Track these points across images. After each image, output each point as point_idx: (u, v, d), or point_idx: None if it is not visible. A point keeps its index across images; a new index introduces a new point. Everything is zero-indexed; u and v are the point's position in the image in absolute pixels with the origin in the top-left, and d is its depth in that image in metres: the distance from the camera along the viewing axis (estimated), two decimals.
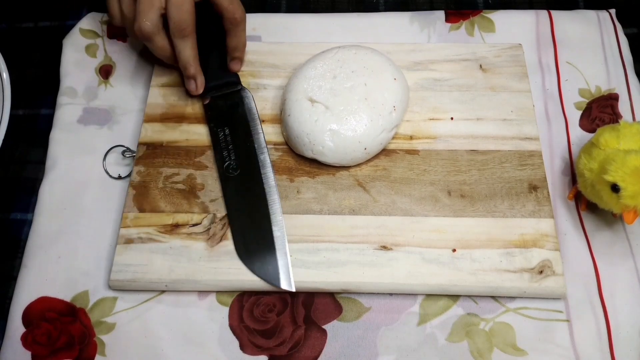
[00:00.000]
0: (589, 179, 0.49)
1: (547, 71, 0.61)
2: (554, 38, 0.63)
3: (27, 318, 0.50)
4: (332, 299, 0.50)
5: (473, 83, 0.59)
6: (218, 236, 0.51)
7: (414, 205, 0.52)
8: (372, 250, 0.50)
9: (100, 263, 0.52)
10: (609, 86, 0.60)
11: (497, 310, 0.49)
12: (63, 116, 0.59)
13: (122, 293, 0.51)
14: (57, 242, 0.53)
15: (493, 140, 0.55)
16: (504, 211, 0.52)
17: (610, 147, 0.49)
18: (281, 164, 0.55)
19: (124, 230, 0.51)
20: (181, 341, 0.49)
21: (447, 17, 0.64)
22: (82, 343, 0.49)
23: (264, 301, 0.50)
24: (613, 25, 0.63)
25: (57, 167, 0.56)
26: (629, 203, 0.46)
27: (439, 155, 0.55)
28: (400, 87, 0.55)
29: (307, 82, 0.54)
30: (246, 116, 0.56)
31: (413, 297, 0.50)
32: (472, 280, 0.49)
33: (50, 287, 0.51)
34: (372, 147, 0.53)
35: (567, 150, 0.57)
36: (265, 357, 0.48)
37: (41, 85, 0.62)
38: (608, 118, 0.58)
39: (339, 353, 0.48)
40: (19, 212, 0.56)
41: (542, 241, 0.50)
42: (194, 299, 0.50)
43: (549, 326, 0.49)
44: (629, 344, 0.48)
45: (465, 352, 0.48)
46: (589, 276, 0.51)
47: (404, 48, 0.61)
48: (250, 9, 0.66)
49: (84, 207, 0.54)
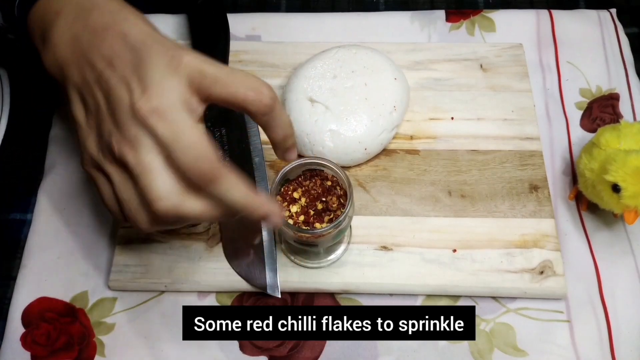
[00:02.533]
0: (589, 179, 0.49)
1: (547, 71, 0.61)
2: (554, 38, 0.63)
3: (27, 318, 0.50)
4: (332, 299, 0.50)
5: (473, 83, 0.58)
6: (217, 236, 0.51)
7: (414, 205, 0.52)
8: (372, 251, 0.50)
9: (100, 263, 0.52)
10: (610, 86, 0.60)
11: (497, 311, 0.49)
12: (62, 116, 0.59)
13: (121, 293, 0.51)
14: (57, 242, 0.53)
15: (494, 140, 0.55)
16: (505, 211, 0.52)
17: (611, 147, 0.49)
18: (281, 164, 0.55)
19: (123, 231, 0.51)
20: (181, 342, 0.48)
21: (448, 16, 0.64)
22: (82, 343, 0.49)
23: (264, 301, 0.50)
24: (614, 24, 0.63)
25: (57, 167, 0.56)
26: (629, 203, 0.46)
27: (439, 155, 0.55)
28: (401, 86, 0.55)
29: (307, 82, 0.54)
30: (243, 118, 0.56)
31: (413, 297, 0.50)
32: (473, 281, 0.49)
33: (49, 288, 0.51)
34: (373, 147, 0.53)
35: (568, 150, 0.57)
36: (265, 358, 0.48)
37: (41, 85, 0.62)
38: (609, 118, 0.58)
39: (339, 354, 0.48)
40: (18, 212, 0.55)
41: (542, 241, 0.50)
42: (193, 299, 0.50)
43: (549, 326, 0.49)
44: (629, 344, 0.48)
45: (465, 352, 0.48)
46: (589, 276, 0.51)
47: (404, 48, 0.60)
48: (250, 9, 0.66)
49: (84, 207, 0.54)
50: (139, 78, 0.35)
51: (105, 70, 0.36)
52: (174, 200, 0.34)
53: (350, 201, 0.44)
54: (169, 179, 0.34)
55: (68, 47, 0.38)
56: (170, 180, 0.34)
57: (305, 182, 0.47)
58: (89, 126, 0.37)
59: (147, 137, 0.34)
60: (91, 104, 0.37)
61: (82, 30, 0.37)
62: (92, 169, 0.38)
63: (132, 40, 0.36)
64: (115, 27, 0.37)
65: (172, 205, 0.34)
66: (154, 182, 0.34)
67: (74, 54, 0.37)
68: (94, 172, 0.38)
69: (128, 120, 0.34)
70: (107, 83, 0.36)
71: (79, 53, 0.37)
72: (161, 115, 0.34)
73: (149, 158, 0.34)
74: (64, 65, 0.38)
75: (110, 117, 0.35)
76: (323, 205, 0.46)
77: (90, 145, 0.37)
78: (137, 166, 0.34)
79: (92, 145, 0.37)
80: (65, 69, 0.38)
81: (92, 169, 0.38)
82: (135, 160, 0.34)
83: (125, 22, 0.37)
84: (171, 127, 0.34)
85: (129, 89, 0.35)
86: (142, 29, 0.37)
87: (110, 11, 0.38)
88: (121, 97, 0.35)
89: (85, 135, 0.37)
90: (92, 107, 0.37)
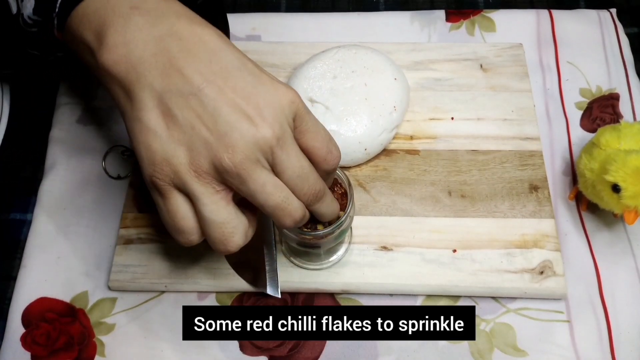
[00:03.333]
0: (589, 179, 0.49)
1: (547, 71, 0.61)
2: (554, 37, 0.63)
3: (27, 318, 0.50)
4: (332, 299, 0.50)
5: (473, 83, 0.58)
6: None
7: (414, 205, 0.52)
8: (372, 251, 0.50)
9: (100, 263, 0.52)
10: (610, 86, 0.60)
11: (497, 311, 0.49)
12: (62, 116, 0.59)
13: (121, 293, 0.51)
14: (57, 243, 0.53)
15: (494, 140, 0.55)
16: (505, 211, 0.52)
17: (611, 147, 0.49)
18: None
19: (123, 231, 0.51)
20: (181, 342, 0.48)
21: (448, 16, 0.64)
22: (82, 344, 0.49)
23: (264, 302, 0.50)
24: (614, 24, 0.63)
25: (57, 167, 0.56)
26: (629, 203, 0.46)
27: (439, 155, 0.55)
28: (401, 87, 0.55)
29: (307, 82, 0.54)
30: None
31: (413, 297, 0.50)
32: (473, 281, 0.49)
33: (49, 288, 0.51)
34: (373, 148, 0.53)
35: (568, 150, 0.57)
36: (265, 358, 0.48)
37: (40, 85, 0.62)
38: (609, 118, 0.58)
39: (339, 354, 0.48)
40: (18, 212, 0.55)
41: (542, 241, 0.50)
42: (193, 300, 0.50)
43: (549, 327, 0.49)
44: (629, 344, 0.48)
45: (465, 352, 0.48)
46: (589, 276, 0.51)
47: (404, 48, 0.60)
48: (250, 9, 0.66)
49: (84, 208, 0.54)
50: (255, 107, 0.35)
51: (205, 88, 0.35)
52: (304, 216, 0.38)
53: (351, 201, 0.44)
54: (297, 200, 0.37)
55: (148, 48, 0.36)
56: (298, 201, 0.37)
57: None
58: (173, 139, 0.35)
59: (265, 162, 0.36)
60: (181, 117, 0.35)
61: (167, 35, 0.36)
62: (166, 185, 0.36)
63: (234, 62, 0.36)
64: (210, 43, 0.36)
65: (301, 221, 0.38)
66: (293, 203, 0.37)
67: (156, 57, 0.35)
68: (166, 188, 0.36)
69: (250, 147, 0.34)
70: (213, 103, 0.35)
71: (165, 59, 0.35)
72: (283, 145, 0.35)
73: (274, 180, 0.36)
74: (138, 65, 0.35)
75: (219, 139, 0.34)
76: None
77: (176, 161, 0.35)
78: (264, 187, 0.35)
79: (178, 160, 0.35)
80: (140, 70, 0.35)
81: (166, 184, 0.36)
82: (262, 181, 0.35)
83: (219, 40, 0.37)
84: (297, 157, 0.36)
85: (246, 117, 0.35)
86: (235, 50, 0.37)
87: (199, 23, 0.37)
88: (234, 123, 0.34)
89: (166, 148, 0.35)
90: (184, 120, 0.35)
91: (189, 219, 0.37)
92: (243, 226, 0.37)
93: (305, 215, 0.38)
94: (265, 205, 0.36)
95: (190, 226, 0.37)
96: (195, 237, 0.38)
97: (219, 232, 0.37)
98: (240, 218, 0.37)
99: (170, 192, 0.36)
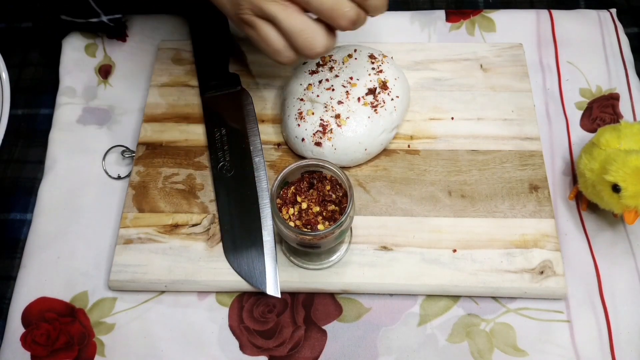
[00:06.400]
0: (589, 179, 0.49)
1: (547, 71, 0.61)
2: (554, 38, 0.63)
3: (27, 318, 0.50)
4: (332, 299, 0.50)
5: (473, 83, 0.58)
6: (218, 236, 0.51)
7: (414, 205, 0.52)
8: (372, 251, 0.50)
9: (100, 263, 0.52)
10: (610, 86, 0.60)
11: (497, 311, 0.49)
12: (62, 116, 0.59)
13: (121, 293, 0.51)
14: (57, 243, 0.53)
15: (494, 140, 0.55)
16: (505, 211, 0.52)
17: (611, 147, 0.49)
18: (281, 164, 0.55)
19: (123, 231, 0.51)
20: (181, 342, 0.48)
21: (448, 16, 0.64)
22: (82, 343, 0.49)
23: (264, 302, 0.50)
24: (614, 24, 0.63)
25: (57, 167, 0.56)
26: (629, 203, 0.46)
27: (439, 155, 0.55)
28: (401, 87, 0.55)
29: (307, 81, 0.54)
30: (244, 117, 0.56)
31: (413, 297, 0.50)
32: (473, 281, 0.49)
33: (49, 288, 0.51)
34: (373, 148, 0.53)
35: (568, 150, 0.57)
36: (265, 358, 0.48)
37: (40, 85, 0.62)
38: (609, 118, 0.58)
39: (339, 354, 0.48)
40: (18, 212, 0.55)
41: (542, 241, 0.50)
42: (193, 300, 0.50)
43: (549, 327, 0.48)
44: (629, 344, 0.48)
45: (465, 352, 0.48)
46: (589, 276, 0.51)
47: (405, 48, 0.60)
48: None
49: (84, 207, 0.54)
50: None
51: None
52: (359, 16, 0.44)
53: (351, 202, 0.44)
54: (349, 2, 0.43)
55: None
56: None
57: (305, 184, 0.47)
58: None
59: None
60: None
61: None
62: (251, 16, 0.43)
63: None
64: None
65: (357, 21, 0.44)
66: (346, 3, 0.43)
67: None
68: (252, 19, 0.44)
69: None
70: None
71: None
72: None
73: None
74: None
75: None
76: (323, 207, 0.46)
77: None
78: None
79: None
80: None
81: (251, 16, 0.43)
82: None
83: None
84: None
85: None
86: None
87: None
88: None
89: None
90: None
91: (279, 39, 0.44)
92: (321, 30, 0.44)
93: (360, 15, 0.43)
94: (320, 8, 0.42)
95: (281, 44, 0.44)
96: (291, 54, 0.45)
97: (302, 38, 0.43)
98: (316, 24, 0.43)
99: (256, 21, 0.44)
